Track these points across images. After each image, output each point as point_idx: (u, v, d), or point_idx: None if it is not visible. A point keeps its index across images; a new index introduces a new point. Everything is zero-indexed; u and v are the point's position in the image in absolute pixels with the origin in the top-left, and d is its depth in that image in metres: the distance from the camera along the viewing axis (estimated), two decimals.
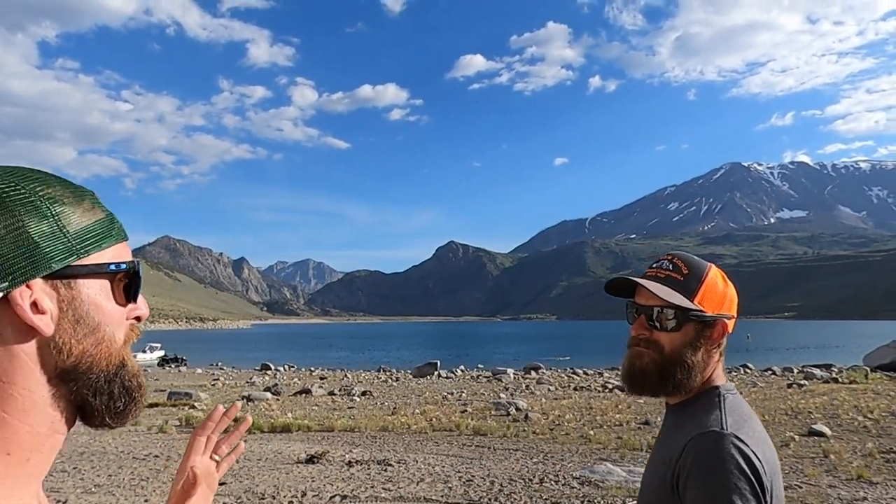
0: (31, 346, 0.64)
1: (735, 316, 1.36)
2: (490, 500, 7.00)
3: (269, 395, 19.01)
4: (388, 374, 29.87)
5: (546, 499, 7.01)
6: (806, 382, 19.93)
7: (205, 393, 19.23)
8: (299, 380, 25.90)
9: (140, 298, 0.74)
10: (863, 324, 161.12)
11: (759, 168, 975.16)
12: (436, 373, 28.22)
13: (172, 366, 41.41)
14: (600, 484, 7.55)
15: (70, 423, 0.69)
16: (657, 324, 1.31)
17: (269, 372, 32.34)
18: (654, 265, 1.37)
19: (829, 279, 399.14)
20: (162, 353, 48.39)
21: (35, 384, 0.64)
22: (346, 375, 29.10)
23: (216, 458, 1.00)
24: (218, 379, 27.41)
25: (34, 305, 0.63)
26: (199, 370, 35.94)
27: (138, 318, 0.74)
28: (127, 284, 0.71)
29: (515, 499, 7.01)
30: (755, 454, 1.16)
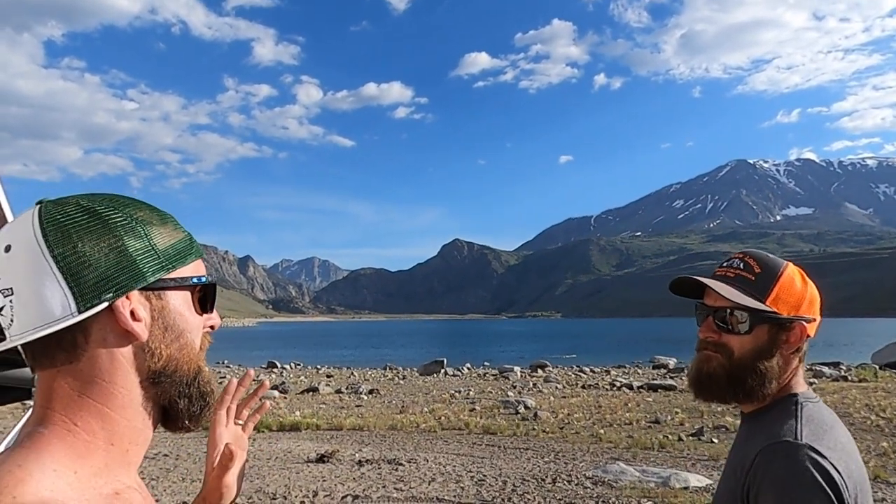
0: (128, 350, 0.73)
1: (817, 318, 1.25)
2: (503, 500, 6.94)
3: (276, 393, 18.99)
4: (394, 371, 29.77)
5: (560, 499, 6.95)
6: (815, 381, 19.76)
7: None
8: (306, 378, 25.85)
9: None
10: (870, 321, 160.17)
11: (765, 165, 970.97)
12: (442, 371, 28.07)
13: None
14: (614, 484, 7.48)
15: (156, 424, 0.78)
16: (727, 326, 1.23)
17: (275, 370, 32.29)
18: (725, 264, 1.29)
19: (836, 277, 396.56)
20: None
21: (131, 384, 0.74)
22: (352, 373, 29.01)
23: (239, 422, 1.09)
24: (224, 377, 27.41)
25: (132, 314, 0.72)
26: None
27: (212, 327, 0.83)
28: (203, 296, 0.80)
29: (529, 499, 6.95)
30: (835, 467, 1.06)
